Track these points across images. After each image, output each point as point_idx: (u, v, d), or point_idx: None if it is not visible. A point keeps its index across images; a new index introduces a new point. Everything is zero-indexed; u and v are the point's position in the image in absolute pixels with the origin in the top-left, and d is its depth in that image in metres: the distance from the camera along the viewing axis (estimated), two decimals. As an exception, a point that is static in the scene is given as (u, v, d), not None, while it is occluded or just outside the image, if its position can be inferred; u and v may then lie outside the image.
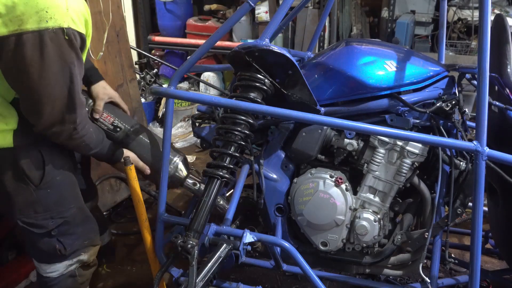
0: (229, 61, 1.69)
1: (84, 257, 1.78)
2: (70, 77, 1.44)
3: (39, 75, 1.38)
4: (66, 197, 1.67)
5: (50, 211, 1.64)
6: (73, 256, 1.74)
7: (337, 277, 1.93)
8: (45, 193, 1.61)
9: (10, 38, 1.32)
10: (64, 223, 1.67)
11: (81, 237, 1.75)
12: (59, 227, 1.66)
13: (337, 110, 1.79)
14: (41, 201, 1.61)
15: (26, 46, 1.33)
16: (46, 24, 1.33)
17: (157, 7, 4.66)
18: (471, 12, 4.14)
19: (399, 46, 2.06)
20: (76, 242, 1.73)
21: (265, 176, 1.87)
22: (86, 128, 1.60)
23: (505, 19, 1.81)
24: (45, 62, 1.37)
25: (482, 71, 1.39)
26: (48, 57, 1.37)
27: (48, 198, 1.62)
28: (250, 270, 2.37)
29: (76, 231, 1.73)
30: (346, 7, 4.40)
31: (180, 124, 4.18)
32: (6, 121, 1.51)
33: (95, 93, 1.85)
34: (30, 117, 1.49)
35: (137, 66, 4.11)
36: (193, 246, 1.58)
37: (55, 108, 1.46)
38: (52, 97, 1.44)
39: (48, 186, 1.61)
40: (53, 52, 1.37)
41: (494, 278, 2.07)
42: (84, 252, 1.78)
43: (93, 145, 1.67)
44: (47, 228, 1.65)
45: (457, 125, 1.73)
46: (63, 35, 1.37)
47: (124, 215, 2.88)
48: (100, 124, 1.82)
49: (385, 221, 1.83)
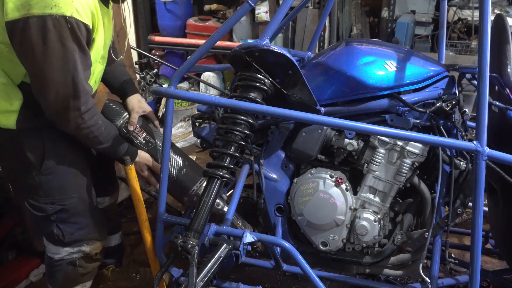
0: (229, 61, 1.69)
1: (86, 249, 1.82)
2: (73, 64, 1.50)
3: (43, 59, 1.46)
4: (67, 185, 1.72)
5: (51, 197, 1.70)
6: (75, 245, 1.79)
7: (337, 277, 1.94)
8: (46, 179, 1.68)
9: (20, 21, 1.41)
10: (63, 211, 1.73)
11: (85, 228, 1.80)
12: (57, 214, 1.72)
13: (337, 110, 1.79)
14: (43, 186, 1.69)
15: (32, 29, 1.41)
16: (50, 11, 1.41)
17: (157, 7, 4.66)
18: (471, 12, 4.14)
19: (399, 46, 2.06)
20: (78, 232, 1.78)
21: (265, 176, 1.87)
22: (94, 119, 1.63)
23: (505, 19, 1.80)
24: (48, 46, 1.44)
25: (482, 71, 1.39)
26: (51, 42, 1.44)
27: (49, 184, 1.69)
28: (250, 270, 2.37)
29: (78, 221, 1.77)
30: (346, 7, 4.40)
31: (180, 124, 4.18)
32: (11, 102, 1.59)
33: (130, 106, 1.91)
34: (40, 100, 1.55)
35: (137, 66, 4.11)
36: (193, 246, 1.58)
37: (59, 93, 1.51)
38: (56, 82, 1.49)
39: (49, 173, 1.68)
40: (55, 37, 1.43)
41: (494, 278, 2.07)
42: (88, 244, 1.82)
43: (102, 138, 1.69)
44: (46, 212, 1.72)
45: (457, 125, 1.73)
46: (66, 23, 1.44)
47: (124, 215, 2.88)
48: (133, 138, 1.87)
49: (385, 221, 1.83)
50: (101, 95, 2.18)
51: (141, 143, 1.88)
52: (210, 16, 4.77)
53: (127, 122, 1.87)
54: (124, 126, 1.87)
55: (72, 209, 1.75)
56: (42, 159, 1.66)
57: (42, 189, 1.69)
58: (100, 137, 1.68)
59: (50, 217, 1.73)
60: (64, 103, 1.54)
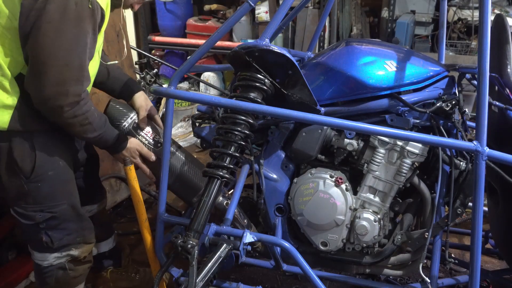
0: (229, 61, 1.69)
1: (75, 253, 1.78)
2: (83, 47, 1.47)
3: (55, 36, 1.41)
4: (57, 193, 1.68)
5: (40, 205, 1.65)
6: (63, 250, 1.75)
7: (337, 277, 1.94)
8: (36, 186, 1.62)
9: None
10: (52, 218, 1.68)
11: (74, 234, 1.76)
12: (47, 221, 1.68)
13: (337, 110, 1.79)
14: (32, 193, 1.63)
15: (53, 4, 1.38)
16: None
17: (157, 7, 4.66)
18: (471, 12, 4.14)
19: (399, 46, 2.06)
20: (66, 237, 1.74)
21: (265, 176, 1.87)
22: (88, 105, 1.57)
23: (505, 19, 1.81)
24: (63, 24, 1.41)
25: (482, 71, 1.39)
26: (69, 20, 1.41)
27: (38, 191, 1.63)
28: (250, 270, 2.37)
29: (67, 227, 1.73)
30: (346, 7, 4.40)
31: (180, 124, 4.18)
32: (7, 95, 1.51)
33: (138, 104, 1.86)
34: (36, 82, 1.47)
35: (137, 66, 4.11)
36: (193, 246, 1.58)
37: (62, 75, 1.46)
38: (61, 62, 1.44)
39: (39, 180, 1.62)
40: (74, 16, 1.41)
41: (494, 278, 2.07)
42: (76, 248, 1.78)
43: (95, 125, 1.62)
44: (34, 220, 1.66)
45: (457, 125, 1.73)
46: (88, 3, 1.42)
47: (124, 215, 2.88)
48: (141, 138, 1.83)
49: (385, 221, 1.83)
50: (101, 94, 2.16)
51: (150, 143, 1.85)
52: (210, 16, 4.77)
53: (135, 122, 1.83)
54: (133, 126, 1.82)
55: (62, 216, 1.70)
56: (33, 166, 1.59)
57: (31, 196, 1.63)
58: (94, 124, 1.61)
59: (39, 225, 1.67)
60: (65, 87, 1.47)
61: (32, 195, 1.63)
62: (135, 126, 1.83)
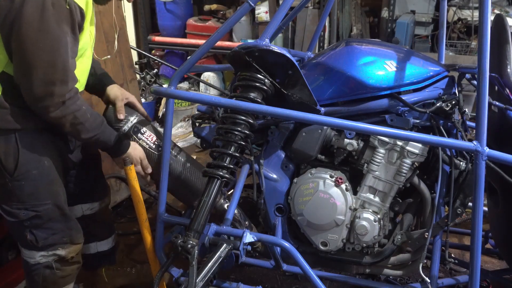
0: (229, 61, 1.69)
1: (61, 252, 1.76)
2: (65, 47, 1.46)
3: (36, 38, 1.41)
4: (41, 192, 1.66)
5: (24, 203, 1.65)
6: (49, 249, 1.74)
7: (337, 277, 1.94)
8: (19, 185, 1.62)
9: None
10: (36, 217, 1.67)
11: (59, 233, 1.74)
12: (31, 220, 1.67)
13: (337, 110, 1.79)
14: (15, 191, 1.62)
15: (29, 5, 1.39)
16: None
17: (157, 7, 4.66)
18: (471, 12, 4.14)
19: (399, 46, 2.06)
20: (52, 237, 1.72)
21: (265, 176, 1.87)
22: (78, 104, 1.56)
23: (505, 19, 1.81)
24: (43, 25, 1.41)
25: (482, 71, 1.39)
26: (48, 21, 1.41)
27: (22, 190, 1.63)
28: (250, 270, 2.37)
29: (52, 226, 1.72)
30: (346, 7, 4.40)
31: (180, 124, 4.18)
32: None
33: (113, 95, 1.83)
34: (23, 83, 1.48)
35: (137, 66, 4.12)
36: (193, 246, 1.58)
37: (47, 76, 1.46)
38: (45, 64, 1.45)
39: (22, 178, 1.61)
40: (52, 17, 1.41)
41: (494, 278, 2.07)
42: (62, 248, 1.76)
43: (88, 125, 1.61)
44: (18, 218, 1.66)
45: (457, 125, 1.73)
46: (65, 4, 1.42)
47: (124, 215, 2.88)
48: (142, 142, 1.81)
49: (385, 221, 1.83)
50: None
51: (151, 147, 1.83)
52: (210, 16, 4.77)
53: (136, 126, 1.81)
54: (134, 130, 1.80)
55: (46, 216, 1.69)
56: (16, 164, 1.59)
57: (15, 194, 1.63)
58: (86, 124, 1.59)
59: (23, 222, 1.67)
60: (51, 88, 1.47)
61: (16, 193, 1.63)
62: (136, 130, 1.82)
